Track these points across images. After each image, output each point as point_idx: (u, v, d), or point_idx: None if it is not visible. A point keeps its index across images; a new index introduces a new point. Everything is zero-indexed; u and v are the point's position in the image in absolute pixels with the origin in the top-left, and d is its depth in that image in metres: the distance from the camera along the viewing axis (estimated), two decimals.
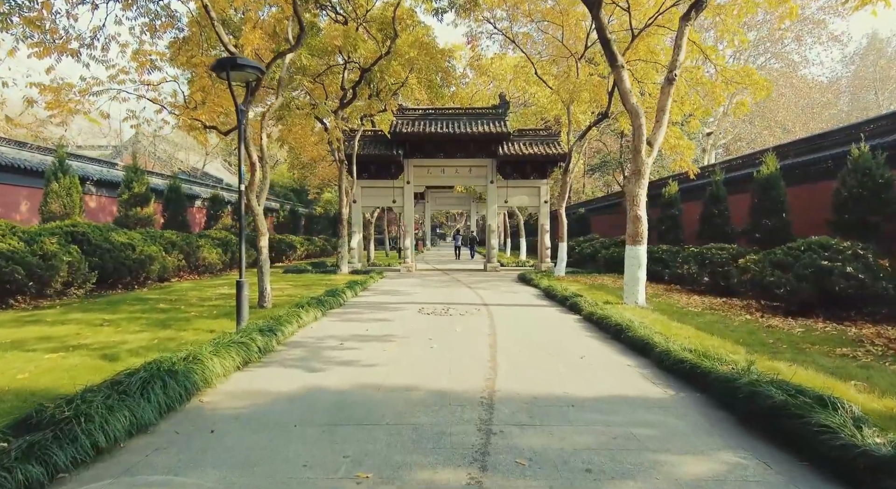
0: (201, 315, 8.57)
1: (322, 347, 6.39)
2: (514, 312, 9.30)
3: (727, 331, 7.05)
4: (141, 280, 12.34)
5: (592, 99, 16.22)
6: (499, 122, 19.39)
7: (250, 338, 5.84)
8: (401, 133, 18.78)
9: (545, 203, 19.87)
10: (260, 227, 9.22)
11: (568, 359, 5.72)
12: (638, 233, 9.74)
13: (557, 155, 19.01)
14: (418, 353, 6.01)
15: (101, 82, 9.97)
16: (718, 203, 16.21)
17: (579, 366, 5.47)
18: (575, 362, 5.61)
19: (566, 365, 5.49)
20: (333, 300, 9.71)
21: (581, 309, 8.95)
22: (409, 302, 10.66)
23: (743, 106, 14.50)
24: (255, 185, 8.93)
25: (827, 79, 42.10)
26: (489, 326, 7.80)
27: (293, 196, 43.07)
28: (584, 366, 5.47)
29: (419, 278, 16.46)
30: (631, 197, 9.79)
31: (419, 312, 9.19)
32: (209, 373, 4.61)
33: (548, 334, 7.23)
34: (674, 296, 11.07)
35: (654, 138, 9.76)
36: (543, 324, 8.12)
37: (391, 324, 7.99)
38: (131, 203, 16.85)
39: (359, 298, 11.33)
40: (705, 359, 4.74)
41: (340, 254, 17.21)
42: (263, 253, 9.28)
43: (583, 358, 5.82)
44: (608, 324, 7.28)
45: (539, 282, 13.50)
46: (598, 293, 11.58)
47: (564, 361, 5.65)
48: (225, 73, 6.85)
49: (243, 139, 7.18)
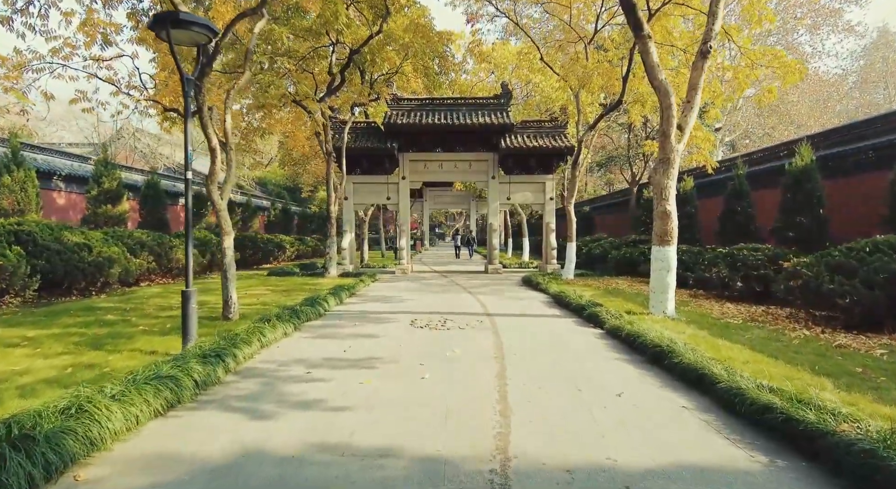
0: (151, 329, 7.18)
1: (282, 378, 5.00)
2: (522, 325, 7.91)
3: (789, 353, 5.67)
4: (99, 285, 10.94)
5: (605, 85, 14.84)
6: (501, 113, 18.00)
7: (185, 368, 4.46)
8: (395, 124, 17.38)
9: (551, 200, 18.48)
10: (223, 225, 7.83)
11: (602, 398, 4.34)
12: (667, 231, 8.37)
13: (564, 148, 17.63)
14: (404, 389, 4.63)
15: (42, 57, 8.58)
16: (741, 199, 14.85)
17: (620, 409, 4.09)
18: (613, 403, 4.23)
19: (602, 407, 4.11)
20: (311, 310, 8.32)
21: (602, 321, 7.58)
22: (401, 311, 9.28)
23: (770, 93, 13.09)
24: (217, 174, 7.55)
25: (843, 70, 40.76)
26: (495, 345, 6.42)
27: (286, 194, 41.65)
28: (626, 409, 4.09)
29: (415, 281, 15.08)
30: (658, 189, 8.41)
31: (411, 325, 7.81)
32: (102, 430, 3.22)
33: (568, 356, 5.85)
34: (703, 304, 9.70)
35: (685, 121, 8.39)
36: (560, 341, 6.74)
37: (376, 343, 6.60)
38: (101, 200, 15.45)
39: (344, 306, 9.94)
40: (804, 409, 3.36)
41: (329, 256, 15.82)
42: (228, 255, 7.90)
43: (620, 395, 4.43)
44: (642, 343, 5.90)
45: (547, 286, 12.12)
46: (616, 300, 10.21)
47: (598, 401, 4.27)
48: (165, 32, 5.47)
49: (191, 117, 5.78)
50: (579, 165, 15.16)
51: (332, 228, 15.95)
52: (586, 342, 6.66)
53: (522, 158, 18.41)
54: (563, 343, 6.60)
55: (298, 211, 37.16)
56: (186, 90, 5.75)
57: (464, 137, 18.30)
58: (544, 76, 20.32)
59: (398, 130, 17.70)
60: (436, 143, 18.50)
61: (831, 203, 11.84)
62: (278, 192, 41.34)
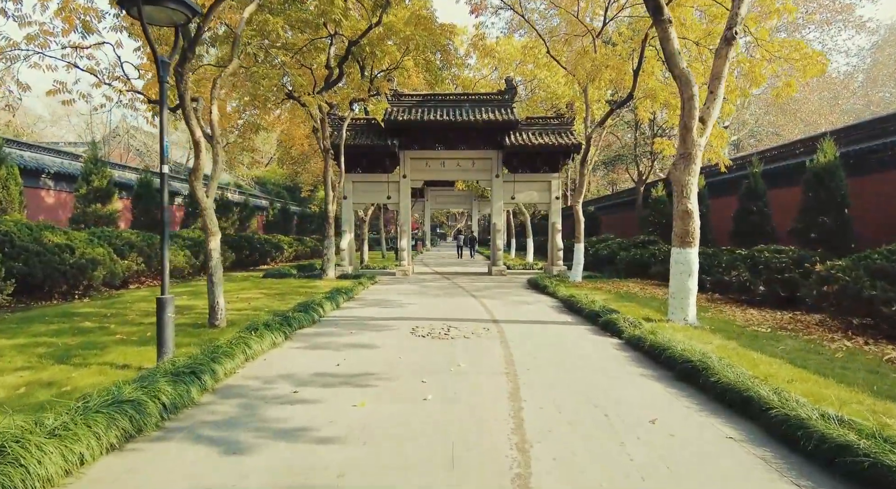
0: (129, 339, 6.59)
1: (266, 398, 4.40)
2: (532, 333, 7.30)
3: (836, 369, 5.05)
4: (82, 288, 10.35)
5: (614, 80, 14.22)
6: (505, 110, 17.40)
7: (151, 389, 3.86)
8: (396, 121, 16.79)
9: (556, 199, 17.86)
10: (209, 225, 7.23)
11: (634, 426, 3.73)
12: (688, 232, 7.75)
13: (571, 145, 17.01)
14: (404, 414, 4.02)
15: (16, 44, 7.99)
16: (756, 198, 14.23)
17: (656, 440, 3.47)
18: (646, 432, 3.62)
19: (635, 438, 3.50)
20: (304, 317, 7.71)
21: (620, 330, 6.97)
22: (402, 317, 8.67)
23: (790, 87, 12.44)
24: (201, 170, 6.95)
25: (853, 67, 40.06)
26: (504, 358, 5.81)
27: (286, 194, 41.09)
28: (662, 440, 3.47)
29: (416, 284, 14.48)
30: (679, 186, 7.79)
31: (412, 333, 7.20)
32: (28, 478, 2.62)
33: (587, 372, 5.24)
34: (724, 310, 9.07)
35: (708, 113, 7.77)
36: (576, 352, 6.12)
37: (373, 355, 5.99)
38: (90, 198, 14.88)
39: (340, 312, 9.34)
40: (894, 452, 2.75)
41: (326, 257, 15.22)
42: (214, 257, 7.30)
43: (654, 422, 3.82)
44: (669, 357, 5.28)
45: (556, 290, 11.51)
46: (630, 305, 9.59)
47: (630, 430, 3.65)
48: (135, 8, 4.87)
49: (168, 105, 5.19)
50: (587, 163, 14.52)
51: (329, 228, 15.35)
52: (605, 354, 6.05)
53: (527, 156, 17.80)
54: (579, 355, 5.98)
55: (298, 211, 36.61)
56: (161, 74, 5.16)
57: (466, 134, 17.70)
58: (549, 72, 19.73)
59: (399, 127, 17.11)
60: (438, 141, 17.91)
61: (855, 202, 11.21)
62: (278, 192, 40.79)
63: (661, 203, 20.44)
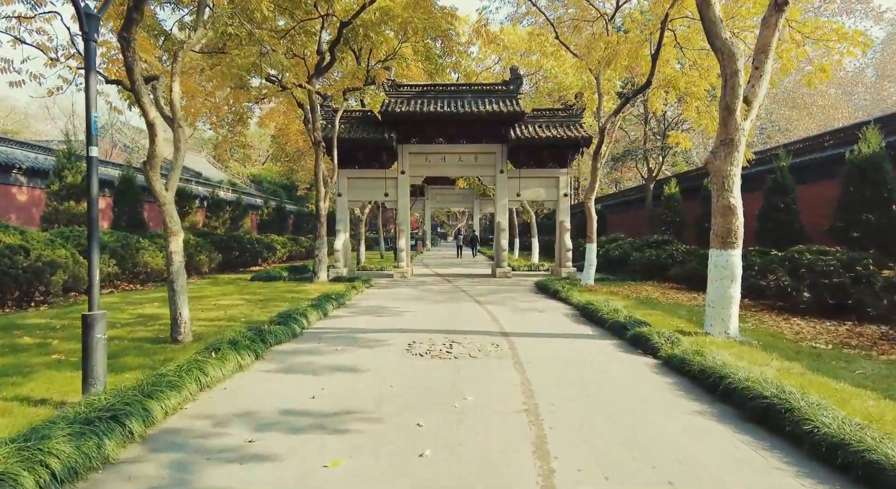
0: (66, 360, 5.47)
1: (209, 452, 3.29)
2: (550, 351, 6.19)
3: None
4: (40, 294, 9.25)
5: (630, 65, 13.10)
6: (510, 101, 16.28)
7: (42, 451, 2.76)
8: (393, 112, 15.67)
9: (565, 196, 16.74)
10: (169, 224, 6.13)
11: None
12: (730, 230, 6.63)
13: (580, 138, 15.89)
14: (390, 481, 2.91)
15: None
16: (784, 194, 13.10)
17: None
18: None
19: None
20: (283, 330, 6.61)
21: (654, 347, 5.87)
22: (397, 328, 7.56)
23: (824, 72, 11.30)
24: (157, 157, 5.85)
25: (861, 62, 38.83)
26: (521, 387, 4.70)
27: (283, 192, 40.01)
28: None
29: (415, 288, 13.37)
30: (719, 178, 6.67)
31: (408, 351, 6.09)
32: None
33: (629, 409, 4.13)
34: (765, 320, 7.95)
35: (754, 93, 6.65)
36: (606, 379, 5.01)
37: (359, 381, 4.89)
38: (64, 196, 13.78)
39: (328, 321, 8.24)
40: None
41: (318, 259, 14.11)
42: (175, 261, 6.20)
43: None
44: (732, 389, 4.17)
45: (569, 295, 10.40)
46: (654, 313, 8.49)
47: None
48: None
49: (94, 71, 4.09)
50: (601, 156, 13.40)
51: (321, 228, 14.25)
52: (643, 381, 4.93)
53: (534, 150, 16.67)
54: (612, 382, 4.87)
55: (294, 210, 35.50)
56: (87, 30, 4.06)
57: (469, 127, 16.59)
58: (557, 61, 18.56)
59: (397, 119, 15.99)
60: (438, 134, 16.79)
61: None
62: (274, 190, 39.72)
63: (675, 200, 19.37)
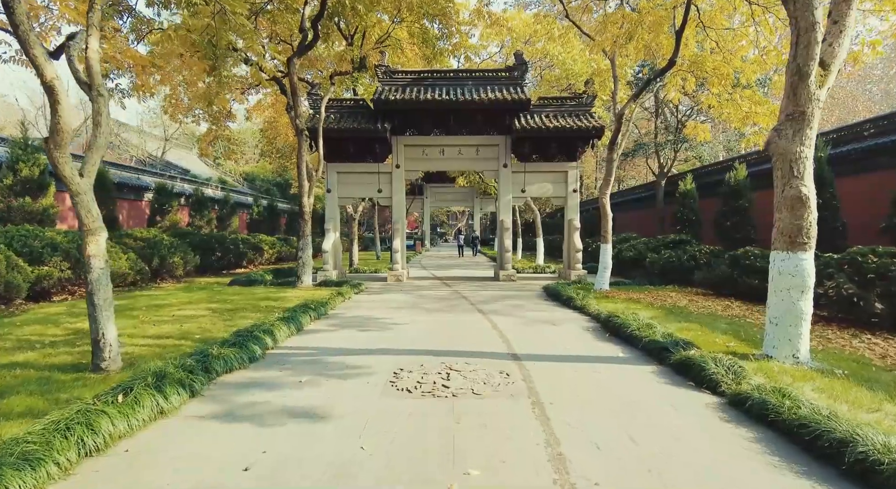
0: None
1: None
2: (576, 383, 4.81)
3: None
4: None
5: (650, 44, 11.71)
6: (515, 88, 14.90)
7: None
8: (387, 101, 14.27)
9: (574, 192, 15.36)
10: (84, 219, 4.76)
11: None
12: (801, 228, 5.24)
13: (592, 128, 14.50)
14: None
15: None
16: (821, 189, 11.68)
17: None
18: None
19: None
20: (237, 355, 5.23)
21: (713, 380, 4.49)
22: (383, 349, 6.18)
23: (874, 48, 9.93)
24: (64, 133, 4.48)
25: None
26: (546, 447, 3.31)
27: (276, 190, 38.62)
28: None
29: (410, 293, 11.99)
30: (785, 161, 5.29)
31: (392, 385, 4.71)
32: None
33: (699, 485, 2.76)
34: (830, 337, 6.57)
35: (831, 53, 5.27)
36: (662, 433, 3.63)
37: (318, 439, 3.50)
38: (18, 191, 12.39)
39: (302, 337, 6.86)
40: None
41: (302, 261, 12.72)
42: (94, 268, 4.82)
43: None
44: (873, 468, 2.80)
45: (585, 303, 9.02)
46: (691, 327, 7.12)
47: None
48: None
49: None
50: (617, 147, 12.01)
51: (305, 226, 12.87)
52: (717, 438, 3.53)
53: (540, 142, 15.28)
54: (672, 437, 3.49)
55: (287, 208, 34.07)
56: None
57: (470, 117, 15.21)
58: (564, 47, 17.24)
59: (391, 108, 14.59)
60: (436, 125, 15.42)
61: None
62: (267, 189, 38.34)
63: (690, 197, 18.01)
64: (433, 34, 13.47)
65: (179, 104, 15.68)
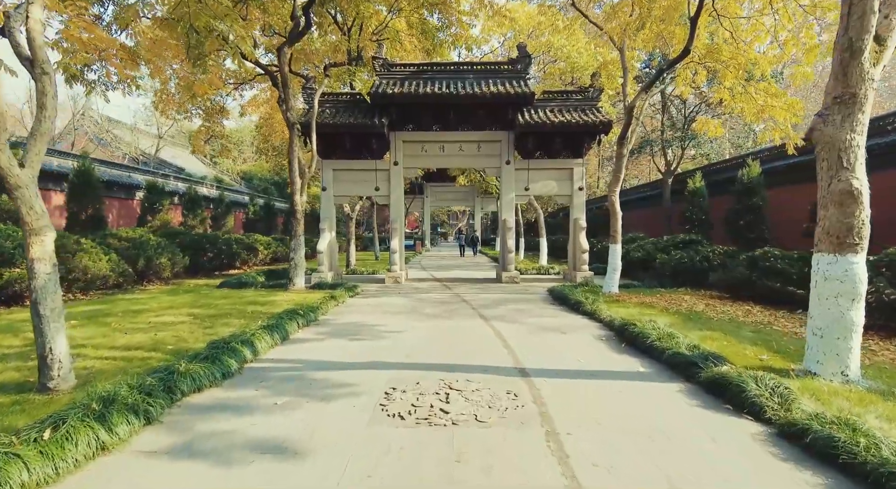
0: None
1: None
2: (594, 405, 4.16)
3: None
4: None
5: (662, 33, 11.06)
6: (517, 82, 14.27)
7: None
8: (385, 94, 13.64)
9: (580, 190, 14.72)
10: (26, 217, 4.13)
11: None
12: (850, 227, 4.59)
13: (598, 123, 13.84)
14: None
15: None
16: None
17: None
18: None
19: None
20: (206, 372, 4.59)
21: (755, 404, 3.85)
22: (375, 362, 5.54)
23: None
24: (1, 116, 3.86)
25: None
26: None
27: (274, 189, 38.03)
28: None
29: (408, 296, 11.35)
30: (833, 151, 4.65)
31: (383, 409, 4.06)
32: None
33: None
34: (874, 349, 5.92)
35: (888, 26, 4.62)
36: (704, 473, 2.99)
37: (290, 478, 2.86)
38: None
39: (287, 348, 6.21)
40: None
41: (294, 262, 12.08)
42: (39, 274, 4.20)
43: None
44: None
45: (595, 308, 8.37)
46: (714, 335, 6.49)
47: None
48: None
49: None
50: (627, 141, 11.34)
51: (297, 226, 12.23)
52: (774, 484, 2.89)
53: (544, 138, 14.62)
54: (722, 481, 2.84)
55: (285, 208, 33.43)
56: None
57: (471, 112, 14.56)
58: (569, 39, 16.59)
59: (389, 103, 13.97)
60: (436, 120, 14.77)
61: None
62: (265, 188, 37.74)
63: (700, 195, 17.41)
64: (432, 25, 12.81)
65: (171, 99, 15.05)
